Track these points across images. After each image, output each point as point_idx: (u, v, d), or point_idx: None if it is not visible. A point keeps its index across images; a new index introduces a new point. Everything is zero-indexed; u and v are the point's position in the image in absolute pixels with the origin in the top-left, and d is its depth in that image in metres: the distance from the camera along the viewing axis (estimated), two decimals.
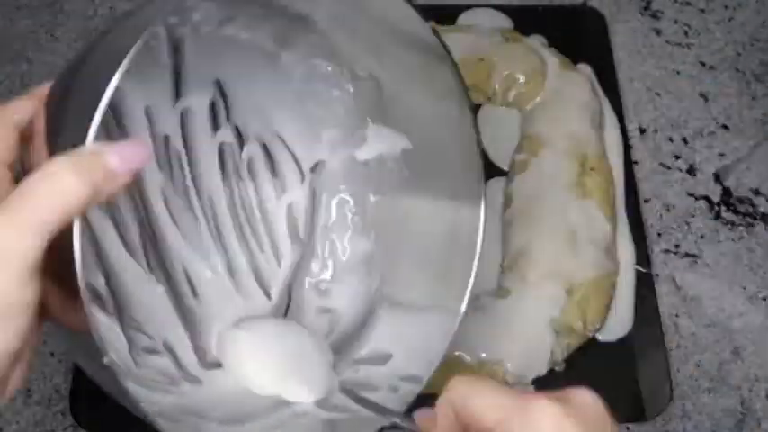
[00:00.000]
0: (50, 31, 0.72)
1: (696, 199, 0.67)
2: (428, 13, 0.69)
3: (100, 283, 0.40)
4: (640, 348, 0.59)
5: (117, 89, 0.28)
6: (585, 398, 0.35)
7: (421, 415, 0.37)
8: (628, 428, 0.58)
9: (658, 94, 0.72)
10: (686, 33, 0.75)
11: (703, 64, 0.74)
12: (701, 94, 0.72)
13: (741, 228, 0.66)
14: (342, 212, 0.50)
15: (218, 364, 0.43)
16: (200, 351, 0.43)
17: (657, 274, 0.63)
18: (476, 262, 0.43)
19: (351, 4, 0.41)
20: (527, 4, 0.74)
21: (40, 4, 0.73)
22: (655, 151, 0.69)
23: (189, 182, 0.45)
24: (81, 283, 0.27)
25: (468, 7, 0.73)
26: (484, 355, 0.56)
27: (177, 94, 0.44)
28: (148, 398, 0.37)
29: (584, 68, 0.70)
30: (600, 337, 0.60)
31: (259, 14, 0.42)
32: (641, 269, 0.62)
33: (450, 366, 0.55)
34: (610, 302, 0.60)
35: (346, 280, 0.49)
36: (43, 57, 0.70)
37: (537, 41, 0.70)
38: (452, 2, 0.74)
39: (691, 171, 0.68)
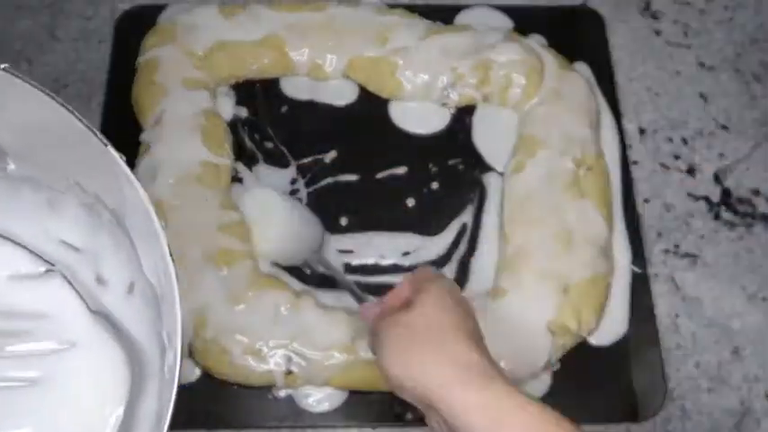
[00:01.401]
0: (50, 31, 0.72)
1: (696, 199, 0.67)
2: (427, 11, 0.71)
3: None
4: (636, 349, 0.59)
5: None
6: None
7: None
8: (628, 429, 0.57)
9: (658, 95, 0.72)
10: (686, 34, 0.75)
11: (703, 64, 0.73)
12: (701, 95, 0.72)
13: (741, 228, 0.66)
14: None
15: None
16: None
17: (657, 275, 0.63)
18: None
19: None
20: (526, 4, 0.74)
21: (40, 5, 0.73)
22: (654, 151, 0.69)
23: None
24: None
25: (468, 6, 0.73)
26: None
27: None
28: None
29: (582, 68, 0.70)
30: (595, 337, 0.59)
31: None
32: (637, 270, 0.62)
33: None
34: (605, 303, 0.60)
35: None
36: (43, 57, 0.70)
37: (536, 41, 0.70)
38: (452, 1, 0.74)
39: (690, 171, 0.68)
